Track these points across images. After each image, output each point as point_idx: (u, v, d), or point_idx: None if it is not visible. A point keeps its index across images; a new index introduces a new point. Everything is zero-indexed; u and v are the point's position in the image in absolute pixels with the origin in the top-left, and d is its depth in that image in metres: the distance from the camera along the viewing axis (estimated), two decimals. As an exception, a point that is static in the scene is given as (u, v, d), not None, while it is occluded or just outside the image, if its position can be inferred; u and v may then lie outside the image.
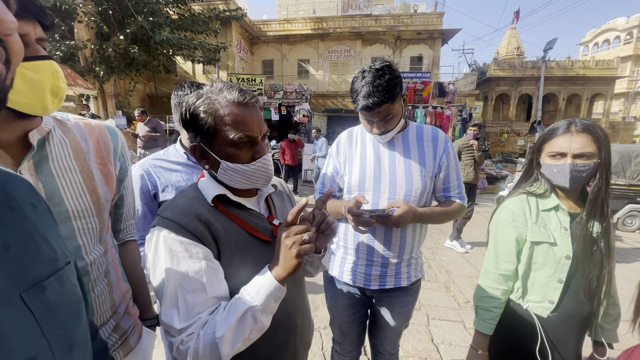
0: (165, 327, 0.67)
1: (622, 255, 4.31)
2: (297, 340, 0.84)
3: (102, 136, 0.82)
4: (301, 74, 16.97)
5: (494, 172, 9.47)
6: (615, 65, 17.88)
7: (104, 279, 0.79)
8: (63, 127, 0.75)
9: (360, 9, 15.82)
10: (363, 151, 1.27)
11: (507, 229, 1.08)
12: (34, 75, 0.57)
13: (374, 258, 1.24)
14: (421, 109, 9.24)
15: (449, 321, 2.58)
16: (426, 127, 1.27)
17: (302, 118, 9.72)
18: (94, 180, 0.76)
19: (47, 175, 0.67)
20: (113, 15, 8.23)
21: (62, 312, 0.38)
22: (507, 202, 1.12)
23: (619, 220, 5.37)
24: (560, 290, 1.01)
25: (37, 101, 0.58)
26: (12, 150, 0.62)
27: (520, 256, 1.08)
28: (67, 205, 0.69)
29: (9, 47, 0.30)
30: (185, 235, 0.66)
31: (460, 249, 4.22)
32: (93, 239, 0.75)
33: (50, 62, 0.60)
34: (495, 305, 1.08)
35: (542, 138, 1.07)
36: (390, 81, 1.06)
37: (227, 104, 0.68)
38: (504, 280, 1.09)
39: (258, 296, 0.65)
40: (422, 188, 1.19)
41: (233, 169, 0.70)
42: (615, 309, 1.08)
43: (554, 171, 1.01)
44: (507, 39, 21.48)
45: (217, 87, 0.71)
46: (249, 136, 0.69)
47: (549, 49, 11.95)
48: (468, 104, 13.72)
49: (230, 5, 12.21)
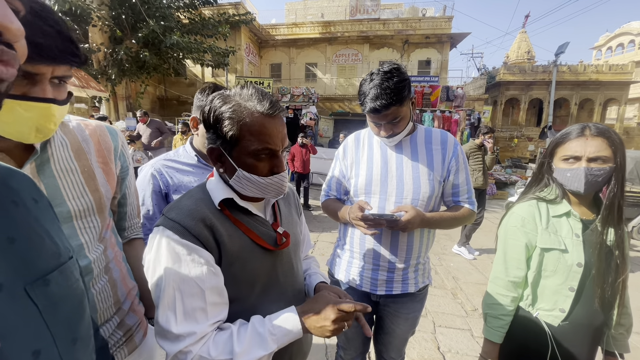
0: (159, 330, 0.66)
1: (636, 265, 4.17)
2: (295, 350, 0.82)
3: (102, 136, 0.83)
4: (309, 78, 17.07)
5: (503, 177, 9.31)
6: (629, 69, 17.48)
7: (104, 276, 0.80)
8: (64, 129, 0.76)
9: (368, 13, 15.88)
10: (370, 154, 1.25)
11: (516, 235, 1.06)
12: (24, 113, 0.56)
13: (380, 262, 1.22)
14: (429, 113, 9.17)
15: (456, 329, 2.52)
16: (435, 131, 1.25)
17: (309, 121, 9.76)
18: (95, 179, 0.77)
19: (49, 177, 0.68)
20: (126, 20, 8.44)
21: (66, 306, 0.38)
22: (517, 207, 1.10)
23: (634, 228, 5.21)
24: (571, 298, 0.99)
25: (15, 134, 0.57)
26: (14, 153, 0.63)
27: (529, 263, 1.05)
28: (69, 206, 0.70)
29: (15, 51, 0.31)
30: (189, 239, 0.65)
31: (468, 256, 4.14)
32: (95, 237, 0.76)
33: (49, 106, 0.58)
34: (505, 312, 1.06)
35: (555, 142, 1.04)
36: (398, 84, 1.04)
37: (255, 114, 0.66)
38: (514, 287, 1.06)
39: (282, 340, 0.68)
40: (430, 192, 1.17)
41: (248, 179, 0.69)
42: (628, 319, 1.05)
43: (568, 175, 0.98)
44: (517, 43, 21.25)
45: (247, 92, 0.68)
46: (271, 149, 0.68)
47: (560, 53, 11.77)
48: (477, 108, 13.57)
49: (239, 10, 12.41)
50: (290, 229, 0.86)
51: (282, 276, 0.78)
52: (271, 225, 0.79)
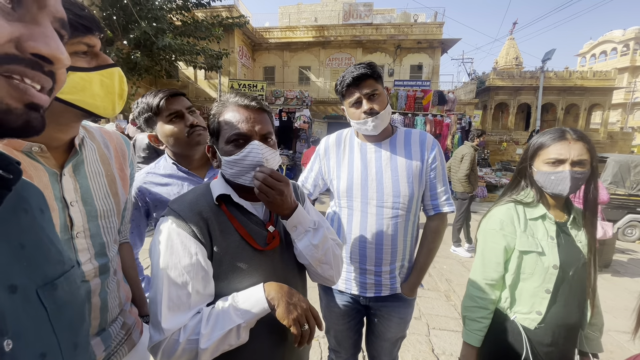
0: (149, 308, 0.71)
1: (621, 266, 4.29)
2: (287, 354, 0.82)
3: (118, 143, 0.88)
4: (302, 81, 17.10)
5: (493, 180, 9.49)
6: (612, 76, 18.09)
7: (115, 277, 0.83)
8: (89, 134, 0.80)
9: (361, 18, 16.04)
10: (351, 157, 1.27)
11: (495, 238, 1.06)
12: (109, 82, 0.65)
13: (367, 267, 1.23)
14: (421, 116, 9.30)
15: (450, 331, 2.55)
16: (414, 132, 1.26)
17: (303, 124, 9.77)
18: (116, 183, 0.82)
19: (83, 177, 0.73)
20: (117, 21, 8.32)
21: (70, 312, 0.40)
22: (495, 210, 1.11)
23: (619, 230, 5.36)
24: (547, 300, 1.00)
25: (110, 104, 0.66)
26: (57, 152, 0.68)
27: (507, 265, 1.06)
28: (97, 205, 0.75)
29: (56, 79, 0.34)
30: (185, 229, 0.70)
31: (466, 254, 4.24)
32: (113, 238, 0.81)
33: (118, 69, 0.68)
34: (483, 315, 1.07)
35: (537, 146, 1.05)
36: (370, 64, 1.15)
37: (231, 106, 0.76)
38: (491, 290, 1.07)
39: (247, 315, 0.67)
40: (410, 194, 1.19)
41: (227, 162, 0.75)
42: (600, 318, 1.08)
43: (552, 178, 0.99)
44: (506, 49, 21.77)
45: (232, 94, 0.78)
46: (243, 134, 0.74)
47: (547, 60, 12.12)
48: (467, 112, 13.81)
49: (233, 13, 12.38)
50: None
51: (274, 275, 0.78)
52: (265, 224, 0.80)
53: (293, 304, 0.70)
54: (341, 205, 1.29)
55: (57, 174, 0.67)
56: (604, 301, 1.12)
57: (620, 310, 2.97)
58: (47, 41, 0.31)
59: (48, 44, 0.31)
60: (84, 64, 0.62)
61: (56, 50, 0.31)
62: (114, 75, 0.66)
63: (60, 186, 0.67)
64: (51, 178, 0.66)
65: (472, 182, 4.18)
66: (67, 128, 0.67)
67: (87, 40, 0.62)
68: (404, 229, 1.22)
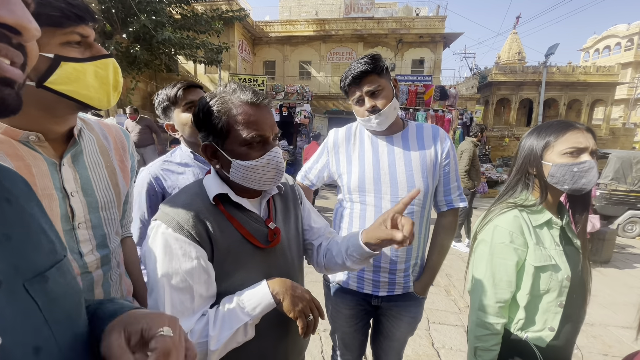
0: None
1: (621, 261, 4.30)
2: (289, 347, 0.83)
3: (118, 135, 0.87)
4: (303, 76, 16.99)
5: (494, 176, 9.47)
6: (615, 71, 17.93)
7: (117, 269, 0.82)
8: (88, 126, 0.79)
9: (362, 12, 15.86)
10: (361, 150, 1.24)
11: (504, 253, 0.92)
12: (103, 73, 0.64)
13: (382, 264, 1.20)
14: (422, 111, 9.25)
15: (450, 325, 2.56)
16: (426, 126, 1.25)
17: (303, 119, 9.73)
18: (116, 175, 0.81)
19: (82, 168, 0.72)
20: (116, 14, 8.23)
21: (65, 303, 0.38)
22: (500, 219, 0.95)
23: (619, 226, 5.36)
24: (560, 314, 0.91)
25: (104, 95, 0.65)
26: (56, 143, 0.68)
27: (520, 283, 0.93)
28: (97, 197, 0.74)
29: (27, 53, 0.32)
30: (182, 233, 0.67)
31: (466, 249, 4.27)
32: (114, 229, 0.81)
33: (113, 60, 0.66)
34: (497, 341, 0.94)
35: (547, 139, 0.92)
36: (374, 58, 1.11)
37: (241, 104, 0.70)
38: (504, 312, 0.94)
39: (254, 312, 0.67)
40: (425, 189, 1.17)
41: (244, 167, 0.71)
42: None
43: (574, 170, 0.85)
44: (509, 44, 21.55)
45: (230, 87, 0.72)
46: (261, 135, 0.71)
47: (550, 54, 12.01)
48: (469, 107, 13.73)
49: (233, 6, 12.22)
50: (287, 224, 0.86)
51: (277, 271, 0.78)
52: (264, 221, 0.79)
53: (297, 296, 0.70)
54: (353, 200, 1.25)
55: (56, 164, 0.67)
56: (603, 297, 1.12)
57: (619, 305, 2.98)
58: (11, 7, 0.27)
59: (12, 10, 0.27)
60: (78, 54, 0.60)
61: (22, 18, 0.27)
62: (109, 66, 0.65)
63: (60, 176, 0.67)
64: (50, 167, 0.65)
65: (473, 178, 4.16)
66: (63, 120, 0.66)
67: (80, 30, 0.60)
68: (418, 226, 1.19)
